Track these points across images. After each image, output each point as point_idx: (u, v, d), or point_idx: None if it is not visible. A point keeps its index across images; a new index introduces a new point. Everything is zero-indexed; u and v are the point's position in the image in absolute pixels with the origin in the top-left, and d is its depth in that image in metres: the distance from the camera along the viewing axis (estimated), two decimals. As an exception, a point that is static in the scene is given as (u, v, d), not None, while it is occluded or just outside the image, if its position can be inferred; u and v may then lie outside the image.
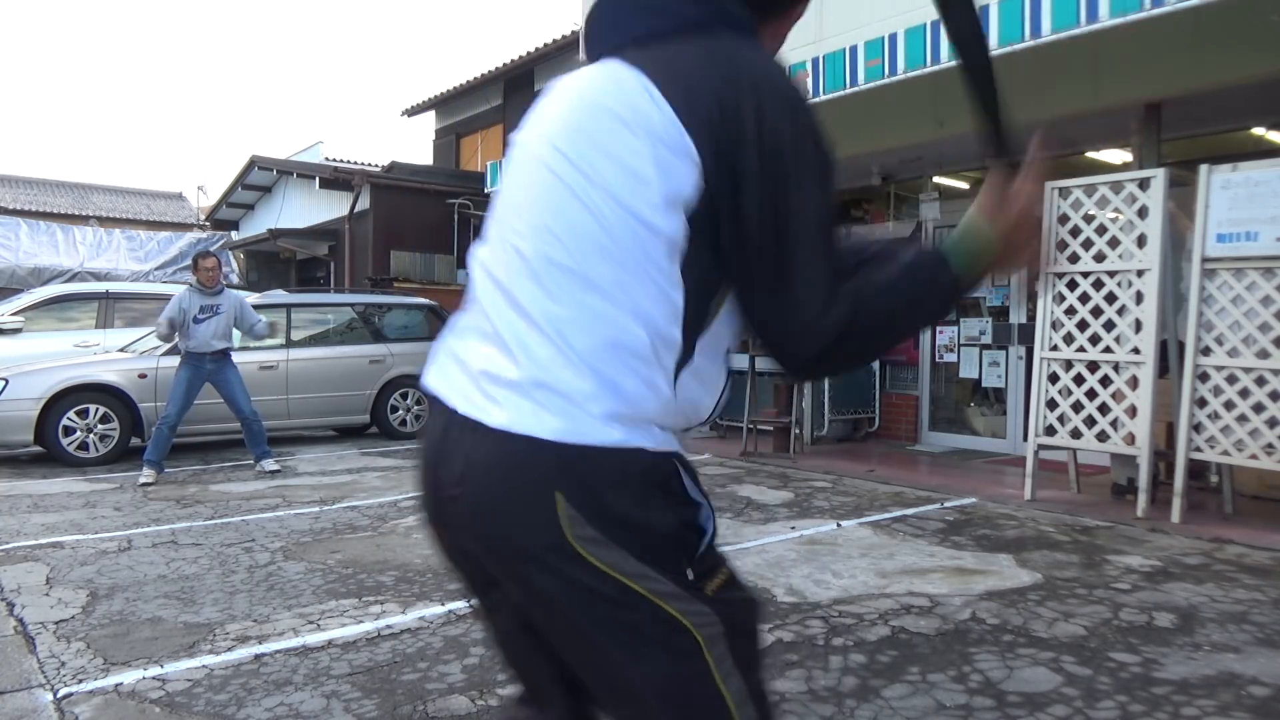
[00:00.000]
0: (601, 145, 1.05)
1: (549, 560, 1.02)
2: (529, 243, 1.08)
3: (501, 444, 1.02)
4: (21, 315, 9.22)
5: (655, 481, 1.05)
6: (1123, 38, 5.23)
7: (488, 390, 1.05)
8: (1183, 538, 4.54)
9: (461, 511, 1.08)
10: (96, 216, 20.77)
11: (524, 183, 1.13)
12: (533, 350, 1.03)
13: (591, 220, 1.04)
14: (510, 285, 1.08)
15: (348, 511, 5.44)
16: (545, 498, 1.01)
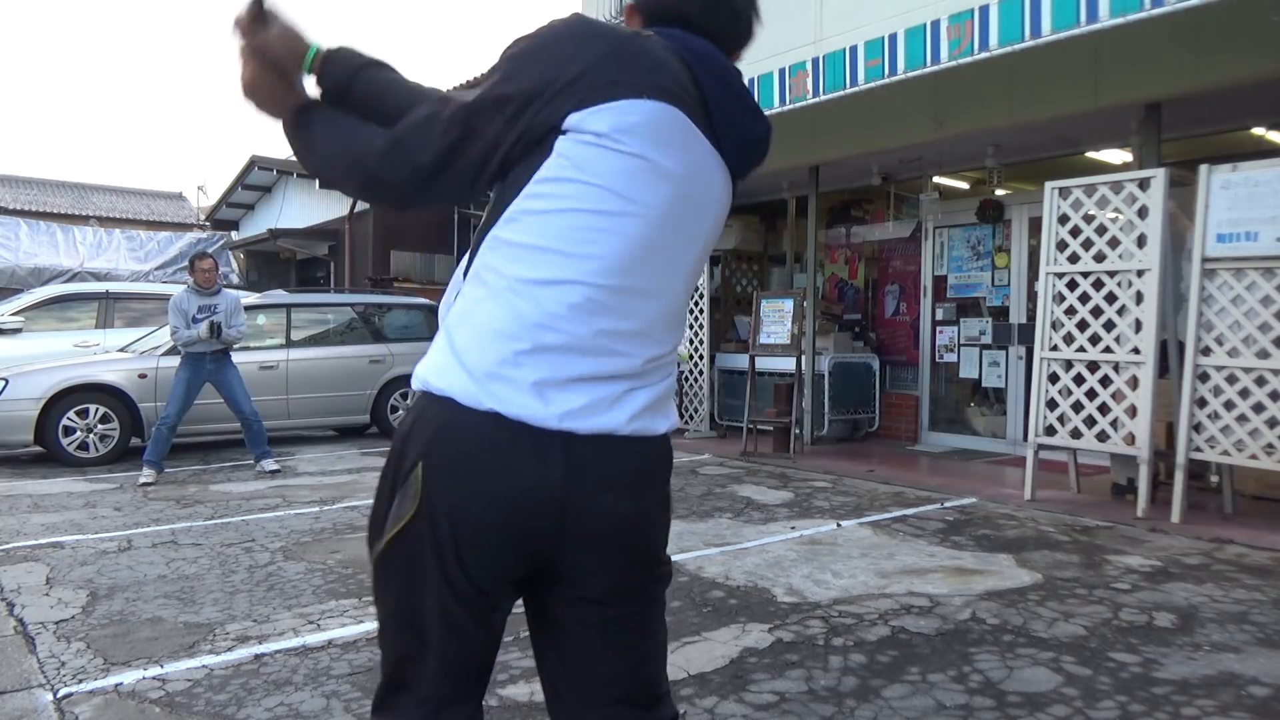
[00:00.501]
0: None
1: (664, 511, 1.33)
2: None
3: (657, 447, 1.26)
4: (21, 315, 9.21)
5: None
6: (1123, 38, 5.23)
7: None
8: (1183, 538, 4.54)
9: (615, 521, 1.22)
10: (96, 216, 20.78)
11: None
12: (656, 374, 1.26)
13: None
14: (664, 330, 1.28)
15: (348, 511, 5.44)
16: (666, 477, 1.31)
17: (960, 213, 7.92)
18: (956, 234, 8.03)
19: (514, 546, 1.19)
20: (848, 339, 8.52)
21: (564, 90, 1.14)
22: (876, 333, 8.77)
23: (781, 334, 7.58)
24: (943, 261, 8.16)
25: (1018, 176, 7.58)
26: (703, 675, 2.78)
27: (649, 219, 1.18)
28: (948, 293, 8.11)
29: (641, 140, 1.16)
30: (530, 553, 1.20)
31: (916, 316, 8.32)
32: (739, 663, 2.88)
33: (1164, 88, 5.62)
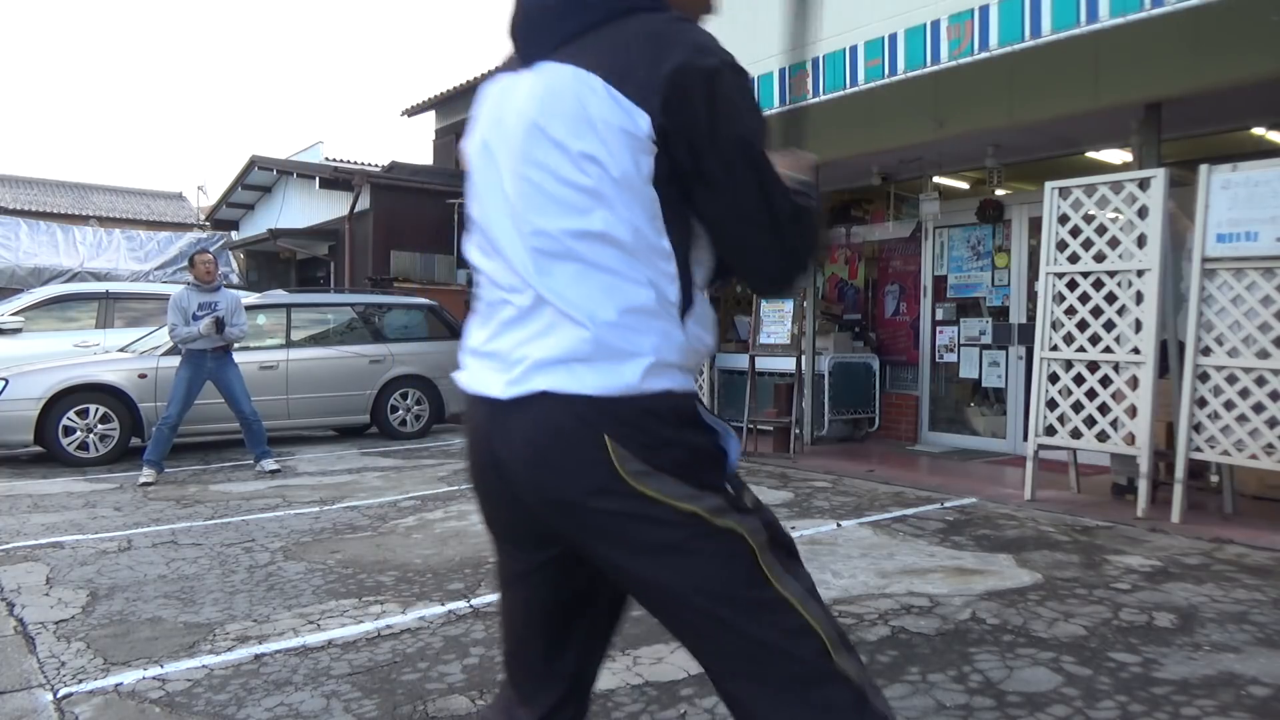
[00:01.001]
0: (566, 145, 1.17)
1: (606, 496, 1.16)
2: (534, 241, 1.21)
3: (551, 406, 1.17)
4: (21, 315, 9.22)
5: (684, 416, 1.21)
6: (1123, 38, 5.23)
7: (533, 370, 1.19)
8: (1183, 538, 4.54)
9: (521, 471, 1.21)
10: (96, 216, 20.77)
11: (507, 189, 1.25)
12: (564, 329, 1.18)
13: (580, 215, 1.18)
14: (528, 280, 1.22)
15: (348, 511, 5.44)
16: (596, 442, 1.16)
17: (960, 213, 7.92)
18: (956, 234, 8.03)
19: None
20: (848, 339, 8.52)
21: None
22: (876, 333, 8.77)
23: (781, 334, 7.58)
24: (943, 261, 8.16)
25: (1018, 176, 7.58)
26: (703, 675, 2.78)
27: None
28: (948, 293, 8.11)
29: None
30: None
31: (916, 316, 8.33)
32: (739, 663, 2.87)
33: (1164, 88, 5.62)
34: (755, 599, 1.18)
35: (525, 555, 1.32)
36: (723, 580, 1.17)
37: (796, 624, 1.18)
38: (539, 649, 1.36)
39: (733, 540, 1.18)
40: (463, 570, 4.09)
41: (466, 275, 12.68)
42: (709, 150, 1.16)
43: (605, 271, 1.17)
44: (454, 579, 3.94)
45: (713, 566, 1.17)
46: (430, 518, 5.24)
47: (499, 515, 1.33)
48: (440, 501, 5.74)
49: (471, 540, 4.66)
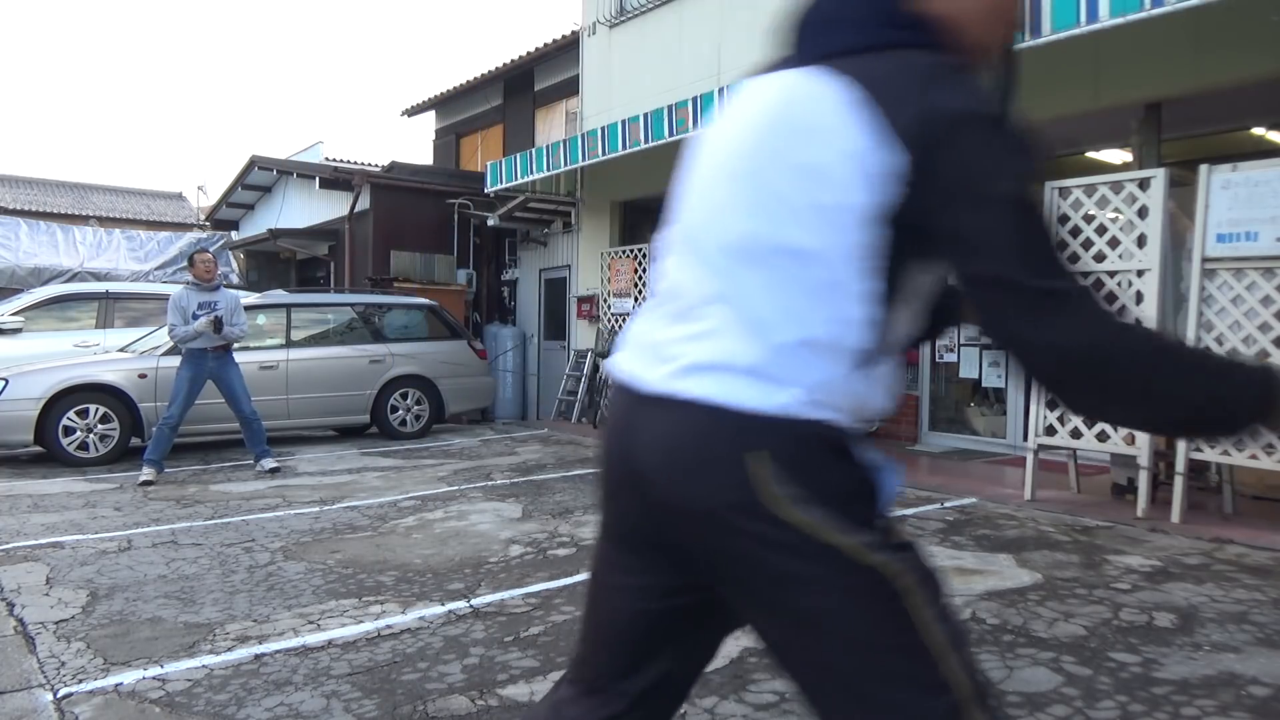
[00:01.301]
0: (794, 158, 1.10)
1: (747, 515, 1.08)
2: (732, 241, 1.15)
3: (706, 413, 1.10)
4: (21, 315, 9.22)
5: (837, 447, 1.12)
6: (1123, 38, 5.23)
7: (688, 369, 1.12)
8: (1183, 538, 4.54)
9: (658, 472, 1.14)
10: (96, 216, 20.77)
11: (721, 181, 1.19)
12: (733, 337, 1.11)
13: (789, 229, 1.10)
14: (712, 279, 1.15)
15: (348, 511, 5.44)
16: (742, 457, 1.07)
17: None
18: (956, 234, 8.01)
19: None
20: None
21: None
22: (876, 333, 8.75)
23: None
24: (943, 261, 8.14)
25: (1018, 176, 7.56)
26: (703, 675, 2.78)
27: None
28: (948, 293, 8.10)
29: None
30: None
31: (916, 316, 8.31)
32: (739, 662, 2.88)
33: (1164, 88, 5.62)
34: (892, 644, 1.07)
35: (633, 562, 1.25)
36: (859, 621, 1.08)
37: (932, 677, 1.07)
38: (615, 661, 1.29)
39: (878, 579, 1.08)
40: (463, 570, 4.09)
41: (467, 275, 12.69)
42: (967, 205, 1.03)
43: (794, 294, 1.09)
44: (454, 579, 3.94)
45: (851, 605, 1.08)
46: (430, 518, 5.24)
47: (619, 513, 1.26)
48: (440, 501, 5.74)
49: (472, 540, 4.67)
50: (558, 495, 5.89)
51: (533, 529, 4.91)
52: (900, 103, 1.05)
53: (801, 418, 1.08)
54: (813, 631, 1.09)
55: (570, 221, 11.50)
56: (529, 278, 12.67)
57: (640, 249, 9.82)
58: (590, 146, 8.85)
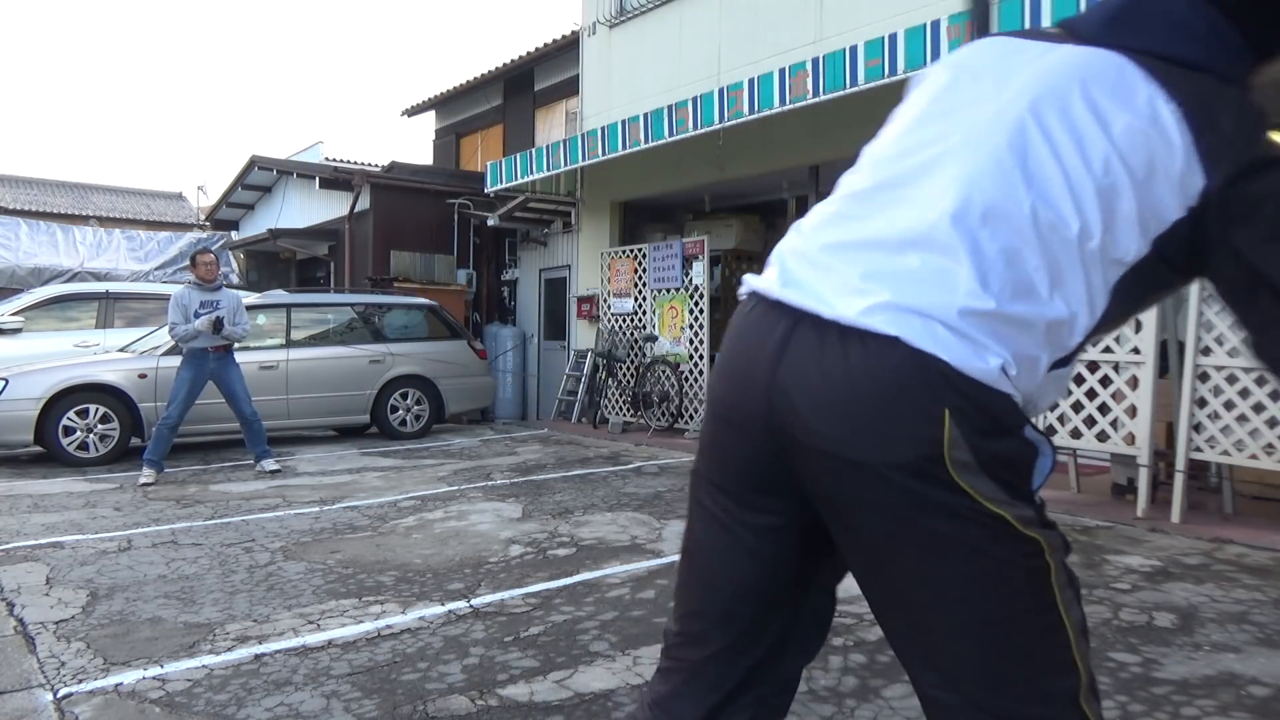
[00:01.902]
0: (1101, 113, 1.05)
1: (916, 476, 1.03)
2: (990, 191, 1.07)
3: (900, 354, 1.02)
4: (21, 315, 9.22)
5: (1017, 421, 1.07)
6: (1123, 38, 5.22)
7: (883, 304, 1.05)
8: (1183, 538, 4.54)
9: (816, 412, 1.06)
10: (96, 216, 20.77)
11: (994, 118, 1.10)
12: (954, 283, 1.04)
13: (1061, 202, 1.05)
14: (954, 215, 1.06)
15: (348, 511, 5.44)
16: (934, 414, 1.02)
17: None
18: (956, 234, 8.02)
19: None
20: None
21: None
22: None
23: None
24: (943, 261, 8.14)
25: (1018, 176, 7.56)
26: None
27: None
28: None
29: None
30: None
31: (916, 316, 8.31)
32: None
33: (1164, 88, 5.61)
34: (1035, 621, 1.06)
35: (751, 505, 1.17)
36: (1009, 591, 1.05)
37: (1063, 659, 1.07)
38: (725, 627, 1.21)
39: (1034, 552, 1.06)
40: (463, 570, 4.09)
41: (467, 275, 12.69)
42: (1256, 245, 1.02)
43: (1033, 269, 1.04)
44: (454, 579, 3.94)
45: (1004, 575, 1.05)
46: (430, 518, 5.24)
47: (736, 451, 1.17)
48: (440, 501, 5.74)
49: (472, 540, 4.67)
50: (558, 495, 5.89)
51: (533, 529, 4.91)
52: (1222, 124, 1.03)
53: (992, 386, 1.03)
54: (960, 597, 1.06)
55: (570, 221, 11.51)
56: (529, 278, 12.67)
57: (640, 249, 9.82)
58: (590, 146, 8.85)
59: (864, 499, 1.06)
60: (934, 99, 1.20)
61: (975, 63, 1.20)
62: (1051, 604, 1.06)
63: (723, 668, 1.21)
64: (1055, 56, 1.13)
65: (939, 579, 1.06)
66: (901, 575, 1.09)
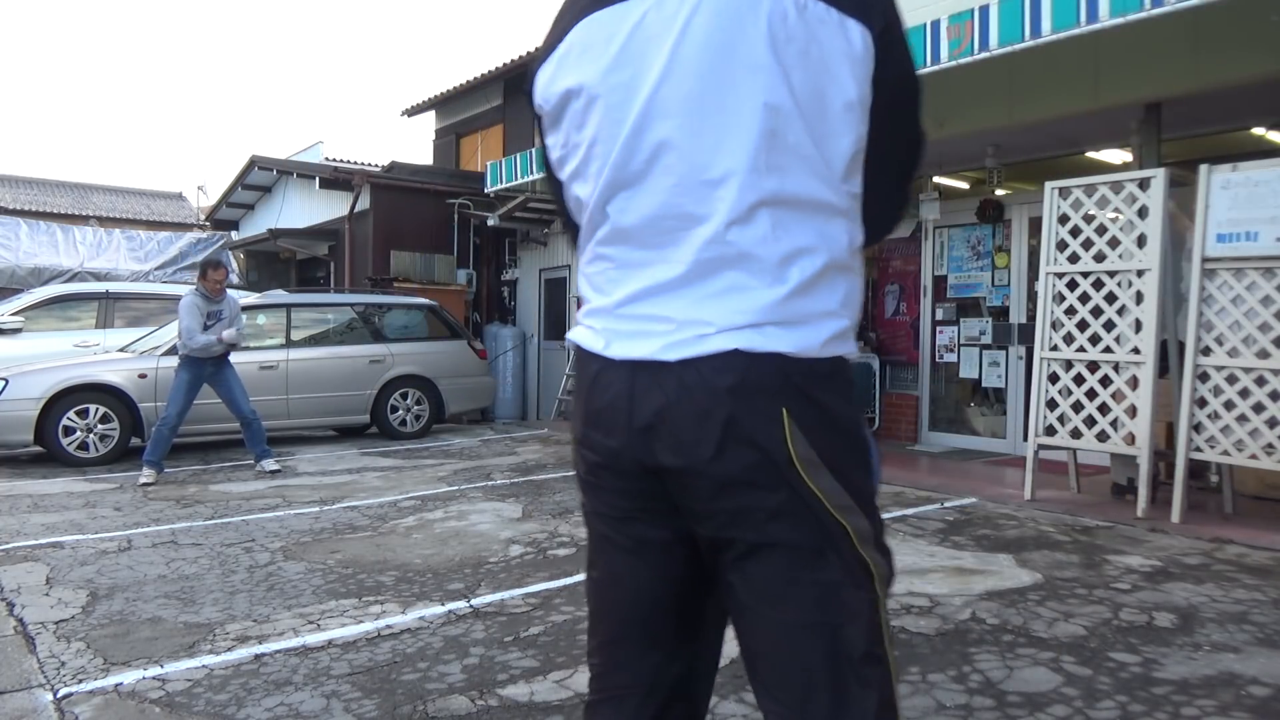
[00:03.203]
0: (792, 74, 1.08)
1: (768, 480, 1.05)
2: (714, 182, 1.09)
3: (731, 365, 1.05)
4: (21, 315, 9.21)
5: (851, 391, 1.12)
6: (1123, 38, 5.23)
7: (704, 334, 1.07)
8: (1183, 538, 4.54)
9: (671, 440, 1.09)
10: (96, 216, 20.76)
11: (688, 127, 1.10)
12: (753, 288, 1.07)
13: (796, 154, 1.08)
14: (707, 229, 1.09)
15: (348, 511, 5.44)
16: (773, 417, 1.04)
17: (960, 213, 7.92)
18: (956, 234, 8.03)
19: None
20: (848, 339, 8.50)
21: None
22: (876, 333, 8.77)
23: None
24: (943, 261, 8.16)
25: (1018, 176, 7.58)
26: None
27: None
28: (948, 293, 8.11)
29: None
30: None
31: (916, 316, 8.33)
32: (740, 663, 2.87)
33: (1164, 88, 5.62)
34: (867, 653, 1.06)
35: (641, 532, 1.20)
36: (844, 616, 1.06)
37: (885, 696, 1.07)
38: (643, 637, 1.23)
39: (865, 577, 1.07)
40: (463, 570, 4.09)
41: (467, 275, 12.69)
42: (903, 76, 1.15)
43: (809, 224, 1.08)
44: (454, 579, 3.94)
45: (840, 597, 1.05)
46: (430, 518, 5.24)
47: (618, 487, 1.19)
48: (440, 501, 5.74)
49: (472, 540, 4.66)
50: (558, 495, 5.89)
51: (533, 529, 4.90)
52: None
53: (824, 357, 1.07)
54: (795, 613, 1.07)
55: (570, 221, 11.49)
56: (529, 278, 12.67)
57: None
58: (590, 146, 8.82)
59: (728, 512, 1.08)
60: (589, 111, 1.22)
61: (610, 48, 1.17)
62: (879, 637, 1.08)
63: (645, 690, 1.23)
64: (686, 16, 1.11)
65: (783, 598, 1.08)
66: (752, 600, 1.10)
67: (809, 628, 1.06)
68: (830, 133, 1.08)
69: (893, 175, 1.21)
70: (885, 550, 1.11)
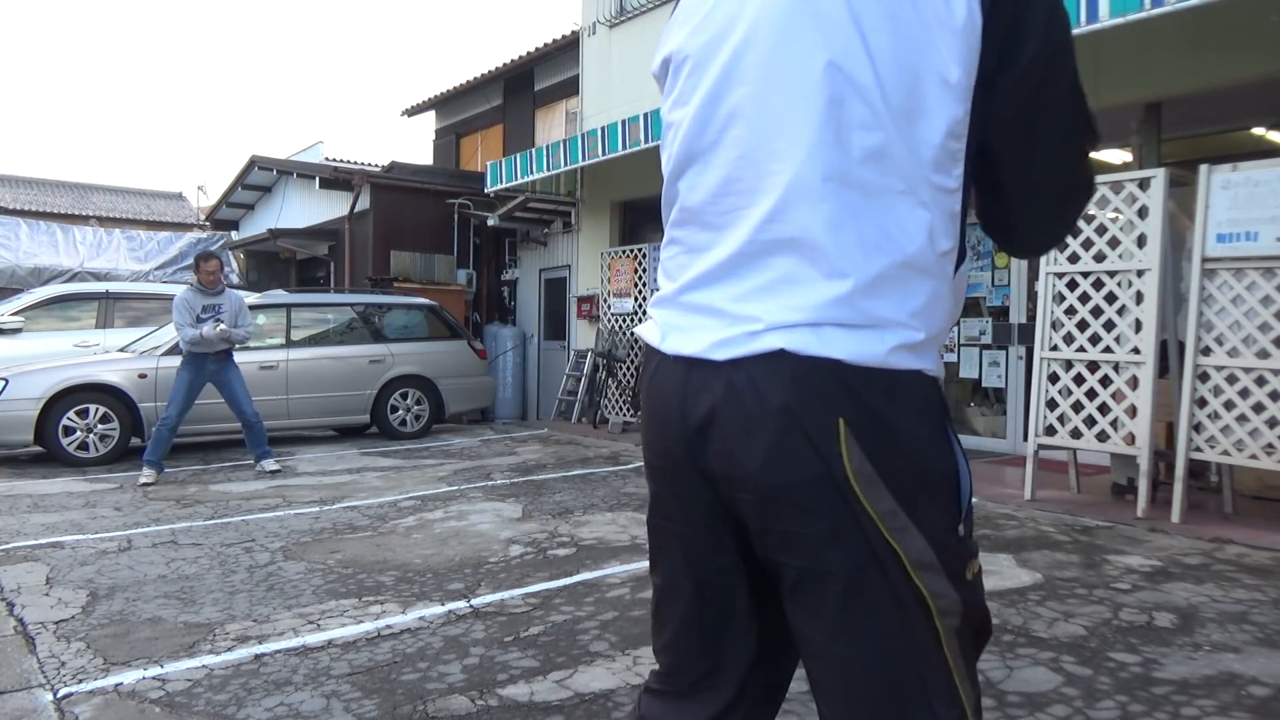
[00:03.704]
0: (870, 35, 0.96)
1: (818, 495, 0.97)
2: (790, 163, 0.99)
3: (781, 367, 0.97)
4: (21, 315, 9.21)
5: (932, 412, 1.02)
6: (1123, 38, 5.23)
7: (757, 331, 0.99)
8: (1183, 538, 4.54)
9: (722, 448, 1.02)
10: (96, 216, 20.77)
11: (743, 93, 1.02)
12: (812, 281, 0.98)
13: (859, 130, 0.96)
14: (767, 213, 1.00)
15: (348, 511, 5.44)
16: (828, 426, 0.95)
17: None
18: (956, 234, 8.02)
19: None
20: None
21: None
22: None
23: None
24: (943, 261, 8.14)
25: (1018, 176, 7.56)
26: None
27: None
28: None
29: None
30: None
31: (916, 316, 8.31)
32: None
33: (1164, 88, 5.62)
34: (915, 684, 0.97)
35: (706, 539, 1.14)
36: (900, 651, 0.97)
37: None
38: (705, 643, 1.16)
39: (918, 606, 0.97)
40: (463, 570, 4.09)
41: (467, 275, 12.69)
42: (1036, 44, 0.96)
43: (878, 210, 0.96)
44: (454, 579, 3.94)
45: (886, 624, 0.97)
46: (430, 518, 5.24)
47: (677, 493, 1.13)
48: (440, 501, 5.74)
49: (472, 540, 4.66)
50: (558, 495, 5.89)
51: (533, 529, 4.91)
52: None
53: (892, 368, 0.97)
54: (836, 636, 1.00)
55: (570, 221, 11.51)
56: (529, 278, 12.67)
57: (640, 249, 9.82)
58: (590, 146, 8.85)
59: (778, 525, 1.01)
60: (684, 81, 1.15)
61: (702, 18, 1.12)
62: (943, 669, 0.99)
63: (706, 694, 1.18)
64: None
65: (830, 619, 1.00)
66: (805, 614, 1.03)
67: (862, 662, 0.98)
68: (918, 110, 0.95)
69: (1035, 177, 1.03)
70: (956, 574, 0.99)
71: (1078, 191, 1.07)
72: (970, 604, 1.00)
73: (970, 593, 1.00)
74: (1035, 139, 1.01)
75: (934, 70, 0.95)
